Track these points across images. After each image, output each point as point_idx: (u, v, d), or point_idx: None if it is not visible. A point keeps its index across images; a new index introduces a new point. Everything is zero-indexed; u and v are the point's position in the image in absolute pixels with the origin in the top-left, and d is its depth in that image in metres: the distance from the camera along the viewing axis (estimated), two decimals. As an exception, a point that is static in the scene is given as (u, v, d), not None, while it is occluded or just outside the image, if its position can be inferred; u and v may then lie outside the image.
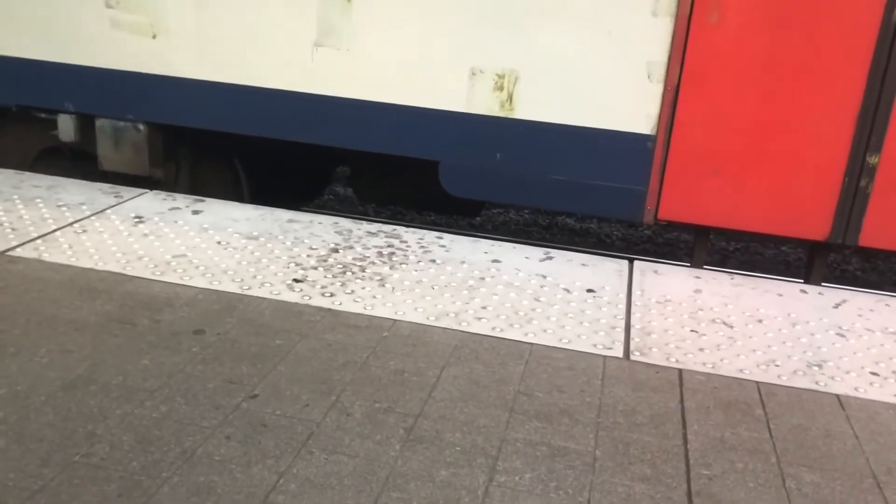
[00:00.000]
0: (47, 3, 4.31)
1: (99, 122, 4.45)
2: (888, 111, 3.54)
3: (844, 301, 3.46)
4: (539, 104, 3.90)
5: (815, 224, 3.78)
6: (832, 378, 2.83)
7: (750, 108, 3.67)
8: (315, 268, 3.41)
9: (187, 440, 2.23)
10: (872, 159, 3.61)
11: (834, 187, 3.70)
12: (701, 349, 2.96)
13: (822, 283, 3.90)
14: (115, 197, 4.06)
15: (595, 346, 2.94)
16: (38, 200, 3.92)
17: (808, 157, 3.68)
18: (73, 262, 3.30)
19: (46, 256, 3.33)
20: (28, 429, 2.23)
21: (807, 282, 4.01)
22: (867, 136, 3.59)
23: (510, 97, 3.92)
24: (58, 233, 3.57)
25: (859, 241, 3.75)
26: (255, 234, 3.72)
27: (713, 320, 3.20)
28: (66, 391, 2.42)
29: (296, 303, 3.09)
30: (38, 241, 3.46)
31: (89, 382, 2.47)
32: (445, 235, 3.90)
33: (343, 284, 3.27)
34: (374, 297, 3.19)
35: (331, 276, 3.34)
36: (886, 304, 3.46)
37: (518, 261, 3.64)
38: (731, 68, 3.63)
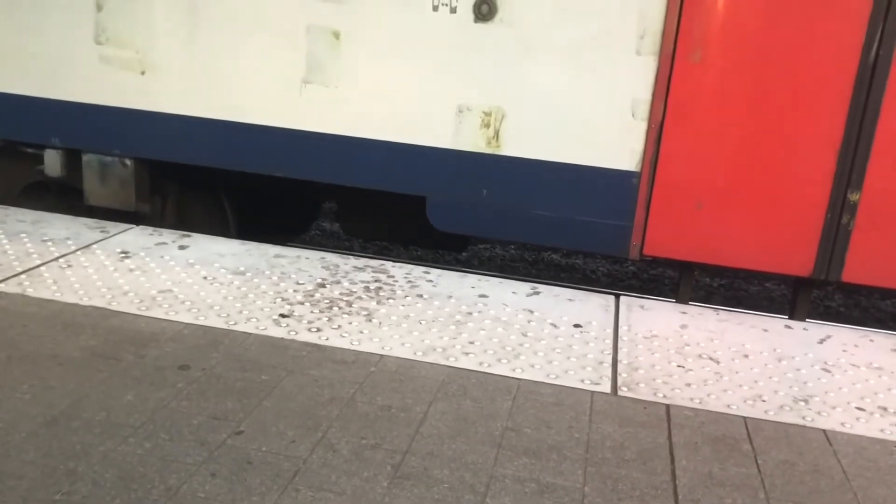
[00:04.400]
0: (36, 38, 4.33)
1: (86, 157, 4.45)
2: (868, 148, 3.60)
3: (829, 336, 3.49)
4: (525, 141, 3.94)
5: (799, 260, 3.81)
6: (819, 413, 2.84)
7: (733, 145, 3.72)
8: (302, 303, 3.40)
9: (171, 477, 2.20)
10: (854, 196, 3.67)
11: (816, 224, 3.74)
12: (688, 384, 2.97)
13: (807, 319, 3.93)
14: (101, 232, 4.04)
15: (583, 381, 2.93)
16: (23, 235, 3.90)
17: (790, 193, 3.73)
18: (57, 297, 3.27)
19: (31, 291, 3.30)
20: (8, 466, 2.19)
21: (791, 317, 4.03)
22: (848, 173, 3.65)
23: (497, 134, 3.96)
24: (42, 268, 3.54)
25: (842, 276, 3.78)
26: (242, 268, 3.71)
27: (700, 355, 3.21)
28: (47, 427, 2.38)
29: (282, 338, 3.08)
30: (23, 276, 3.44)
31: (72, 419, 2.43)
32: (433, 270, 3.90)
33: (330, 319, 3.26)
34: (361, 332, 3.18)
35: (317, 311, 3.33)
36: (870, 340, 3.48)
37: (505, 296, 3.65)
38: (715, 106, 3.68)
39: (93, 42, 4.26)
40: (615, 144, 3.84)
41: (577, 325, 3.40)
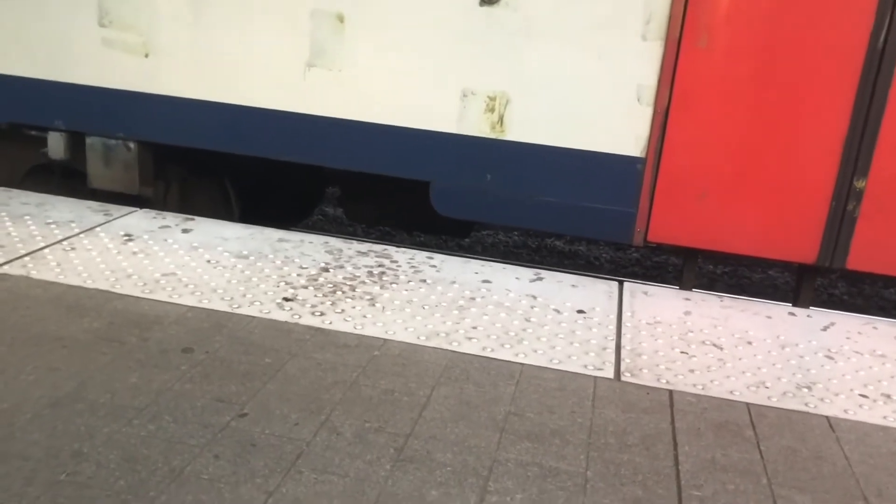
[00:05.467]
0: (39, 21, 4.32)
1: (89, 140, 4.45)
2: (874, 135, 3.58)
3: (832, 324, 3.48)
4: (530, 126, 3.93)
5: (803, 247, 3.80)
6: (822, 400, 2.84)
7: (739, 132, 3.70)
8: (305, 287, 3.40)
9: (175, 459, 2.21)
10: (859, 183, 3.65)
11: (821, 211, 3.73)
12: (691, 370, 2.97)
13: (810, 307, 3.92)
14: (105, 215, 4.04)
15: (586, 366, 2.93)
16: (27, 218, 3.90)
17: (796, 180, 3.72)
18: (61, 279, 3.27)
19: (34, 274, 3.30)
20: (13, 447, 2.20)
21: (795, 305, 4.03)
22: (854, 160, 3.63)
23: (501, 119, 3.95)
24: (46, 250, 3.55)
25: (847, 264, 3.78)
26: (245, 252, 3.71)
27: (703, 342, 3.20)
28: (52, 409, 2.39)
29: (285, 321, 3.08)
30: (27, 259, 3.44)
31: (76, 400, 2.44)
32: (436, 255, 3.90)
33: (333, 304, 3.26)
34: (365, 316, 3.18)
35: (321, 295, 3.33)
36: (874, 327, 3.48)
37: (508, 281, 3.65)
38: (720, 92, 3.66)
39: (96, 24, 4.25)
40: (620, 130, 3.83)
41: (580, 311, 3.40)
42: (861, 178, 3.65)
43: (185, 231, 3.91)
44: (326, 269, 3.60)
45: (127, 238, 3.76)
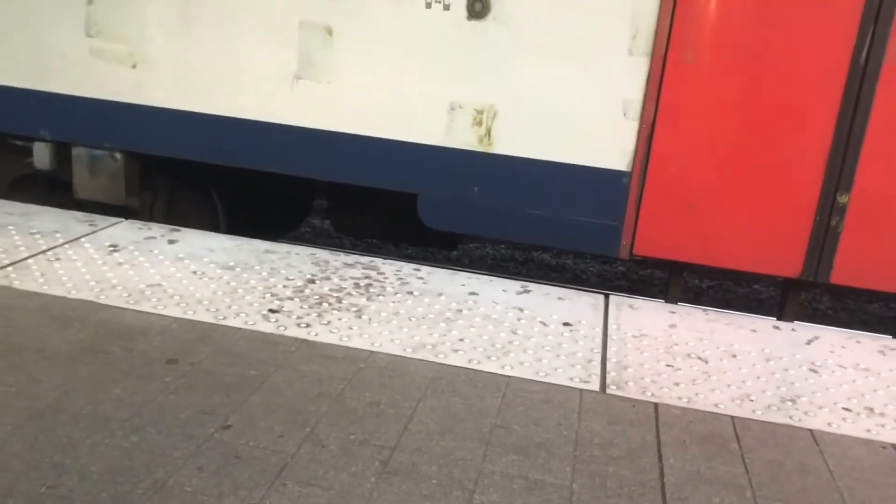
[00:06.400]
0: (26, 31, 4.30)
1: (75, 151, 4.43)
2: (857, 150, 3.62)
3: (816, 338, 3.50)
4: (517, 140, 3.94)
5: (788, 261, 3.83)
6: (806, 413, 2.85)
7: (724, 146, 3.73)
8: (291, 298, 3.39)
9: (158, 471, 2.19)
10: (843, 198, 3.69)
11: (806, 225, 3.76)
12: (676, 383, 2.97)
13: (795, 321, 3.94)
14: (90, 225, 4.02)
15: (572, 379, 2.94)
16: (11, 228, 3.87)
17: (780, 195, 3.75)
18: (45, 289, 3.25)
19: (17, 284, 3.28)
20: (-6, 459, 2.18)
21: (779, 319, 4.05)
22: (838, 176, 3.67)
23: (488, 132, 3.96)
24: (30, 260, 3.52)
25: (830, 278, 3.80)
26: (231, 264, 3.69)
27: (688, 355, 3.22)
28: (33, 420, 2.37)
29: (271, 333, 3.07)
30: (10, 269, 3.41)
31: (58, 412, 2.42)
32: (423, 267, 3.90)
33: (319, 315, 3.25)
34: (351, 328, 3.17)
35: (307, 306, 3.32)
36: (857, 342, 3.50)
37: (495, 294, 3.65)
38: (706, 106, 3.70)
39: (83, 35, 4.24)
40: (606, 144, 3.85)
41: (566, 324, 3.40)
42: (844, 194, 3.68)
43: (171, 242, 3.89)
44: (313, 281, 3.59)
45: (112, 249, 3.74)
